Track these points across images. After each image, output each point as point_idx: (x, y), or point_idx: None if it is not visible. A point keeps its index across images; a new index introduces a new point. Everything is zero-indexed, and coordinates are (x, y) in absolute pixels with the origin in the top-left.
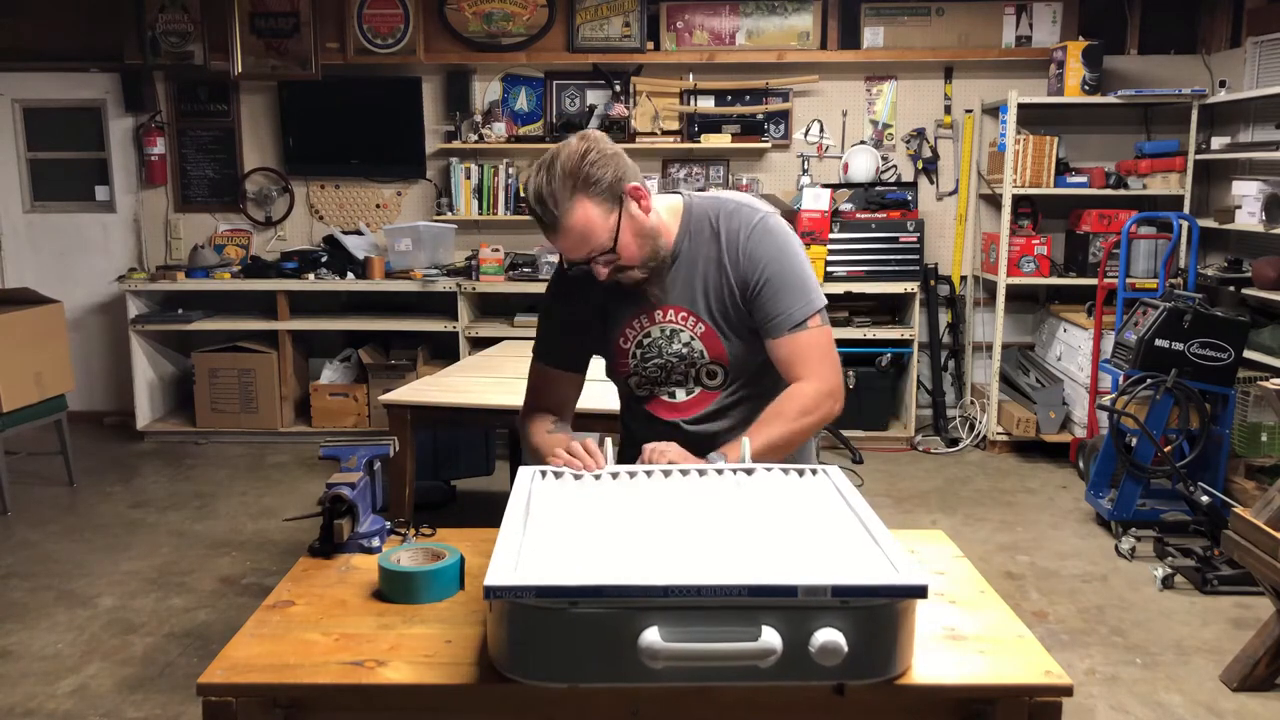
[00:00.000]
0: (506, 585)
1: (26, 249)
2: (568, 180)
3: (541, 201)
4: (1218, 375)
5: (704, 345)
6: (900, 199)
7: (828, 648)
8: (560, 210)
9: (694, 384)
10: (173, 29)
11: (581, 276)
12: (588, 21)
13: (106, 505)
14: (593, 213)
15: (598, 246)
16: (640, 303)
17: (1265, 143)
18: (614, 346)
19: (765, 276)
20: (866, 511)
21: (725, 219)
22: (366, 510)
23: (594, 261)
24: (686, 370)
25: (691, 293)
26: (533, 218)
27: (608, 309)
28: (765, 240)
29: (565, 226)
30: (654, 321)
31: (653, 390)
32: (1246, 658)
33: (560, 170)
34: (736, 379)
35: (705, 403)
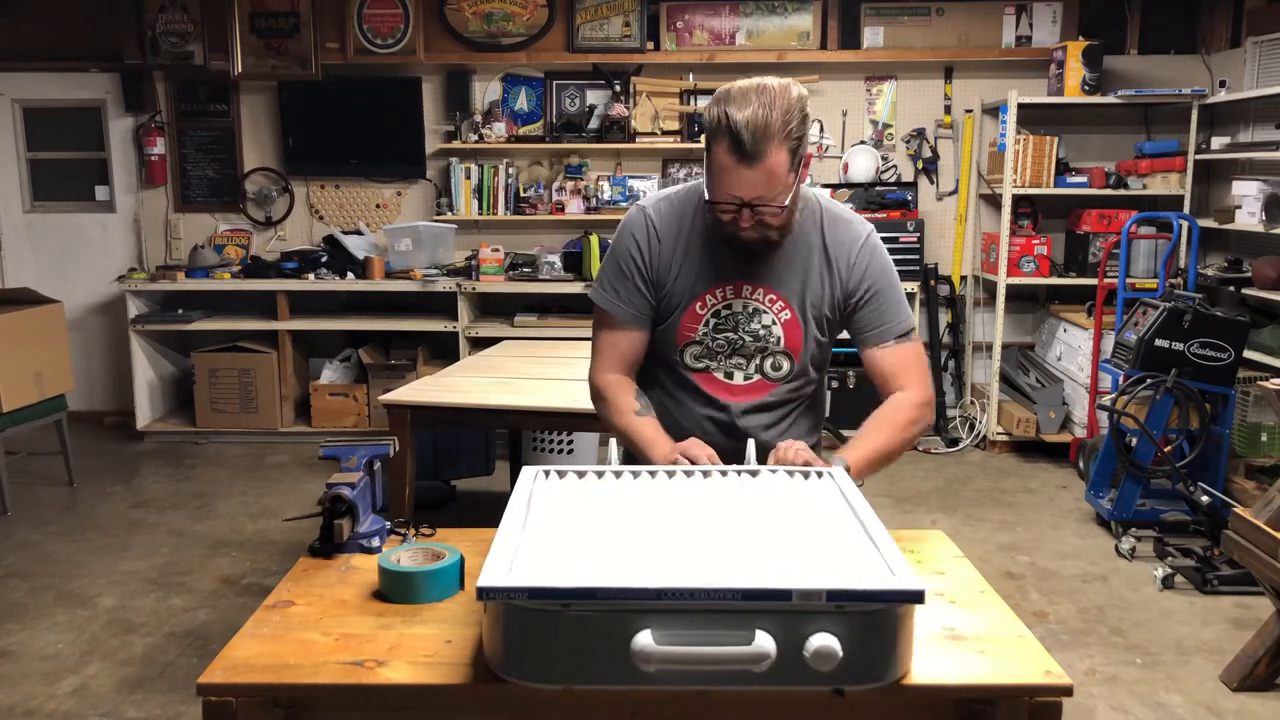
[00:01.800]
0: (499, 586)
1: (26, 249)
2: (784, 125)
3: (755, 132)
4: (1218, 375)
5: (783, 332)
6: (900, 199)
7: (822, 652)
8: (767, 147)
9: (755, 370)
10: (173, 29)
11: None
12: (588, 21)
13: (106, 505)
14: (786, 163)
15: (771, 196)
16: (728, 272)
17: (1265, 143)
18: (688, 309)
19: (875, 289)
20: (868, 514)
21: (831, 224)
22: (366, 510)
23: (751, 207)
24: (754, 353)
25: (788, 280)
26: (721, 136)
27: (691, 268)
28: (875, 255)
29: (765, 165)
30: (739, 295)
31: (709, 364)
32: (1246, 658)
33: (776, 105)
34: (797, 377)
35: (761, 392)
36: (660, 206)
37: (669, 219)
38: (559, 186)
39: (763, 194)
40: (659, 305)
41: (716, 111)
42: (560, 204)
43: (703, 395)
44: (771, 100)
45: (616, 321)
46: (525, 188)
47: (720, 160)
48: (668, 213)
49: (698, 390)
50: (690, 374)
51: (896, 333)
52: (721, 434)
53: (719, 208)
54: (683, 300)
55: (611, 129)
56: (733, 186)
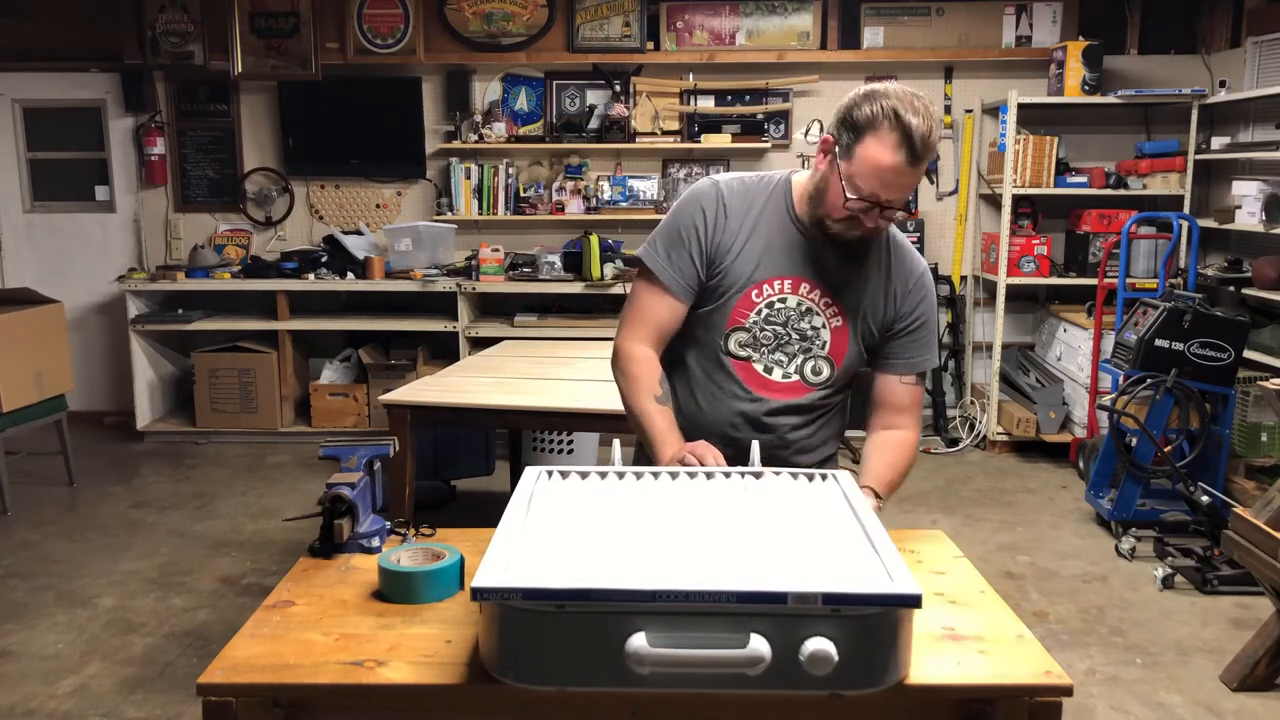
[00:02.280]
0: (493, 587)
1: (26, 249)
2: (938, 134)
3: (925, 140)
4: (1218, 375)
5: (830, 339)
6: None
7: (818, 656)
8: (928, 155)
9: (795, 371)
10: (173, 29)
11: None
12: (588, 21)
13: (106, 505)
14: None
15: (902, 199)
16: (790, 267)
17: (1265, 143)
18: (742, 295)
19: (921, 320)
20: (870, 518)
21: (897, 250)
22: (366, 510)
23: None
24: (796, 354)
25: (846, 290)
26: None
27: (756, 255)
28: (929, 290)
29: (919, 171)
30: (796, 292)
31: (752, 355)
32: (1246, 658)
33: (937, 119)
34: (832, 385)
35: (797, 393)
36: (732, 184)
37: (739, 197)
38: (559, 186)
39: (903, 194)
40: (711, 283)
41: (880, 108)
42: (560, 204)
43: (738, 385)
44: (932, 113)
45: (660, 288)
46: (525, 188)
47: (879, 158)
48: (739, 191)
49: (734, 379)
50: (730, 360)
51: (918, 370)
52: (749, 428)
53: (854, 204)
54: (739, 283)
55: (611, 129)
56: (888, 185)
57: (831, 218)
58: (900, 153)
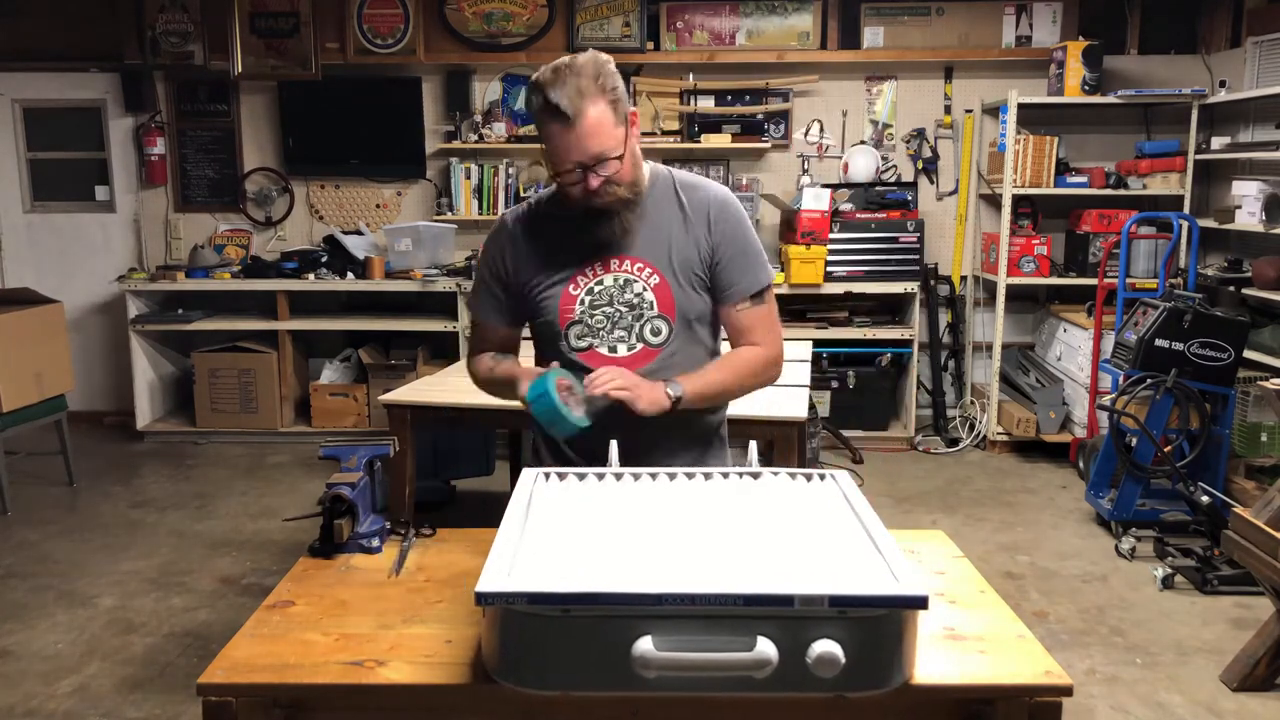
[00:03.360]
0: (498, 591)
1: (26, 249)
2: (592, 81)
3: (564, 95)
4: (1218, 375)
5: (655, 297)
6: (900, 199)
7: (825, 659)
8: (583, 106)
9: (637, 339)
10: (173, 29)
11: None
12: (588, 21)
13: (106, 505)
14: (608, 116)
15: (606, 150)
16: (591, 252)
17: (1265, 143)
18: (561, 293)
19: (734, 247)
20: (871, 519)
21: (687, 188)
22: (366, 510)
23: (592, 169)
24: (632, 323)
25: (652, 246)
26: (545, 114)
27: (557, 256)
28: (732, 213)
29: (585, 123)
30: (608, 270)
31: (592, 342)
32: (1246, 658)
33: (584, 71)
34: (677, 338)
35: (645, 360)
36: (519, 209)
37: (527, 219)
38: None
39: (599, 150)
40: (530, 296)
41: (534, 97)
42: None
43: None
44: (578, 69)
45: (483, 323)
46: (525, 188)
47: (550, 133)
48: (526, 214)
49: (586, 370)
50: (576, 355)
51: (751, 291)
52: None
53: (565, 179)
54: (555, 284)
55: None
56: (568, 153)
57: (573, 199)
58: (558, 121)
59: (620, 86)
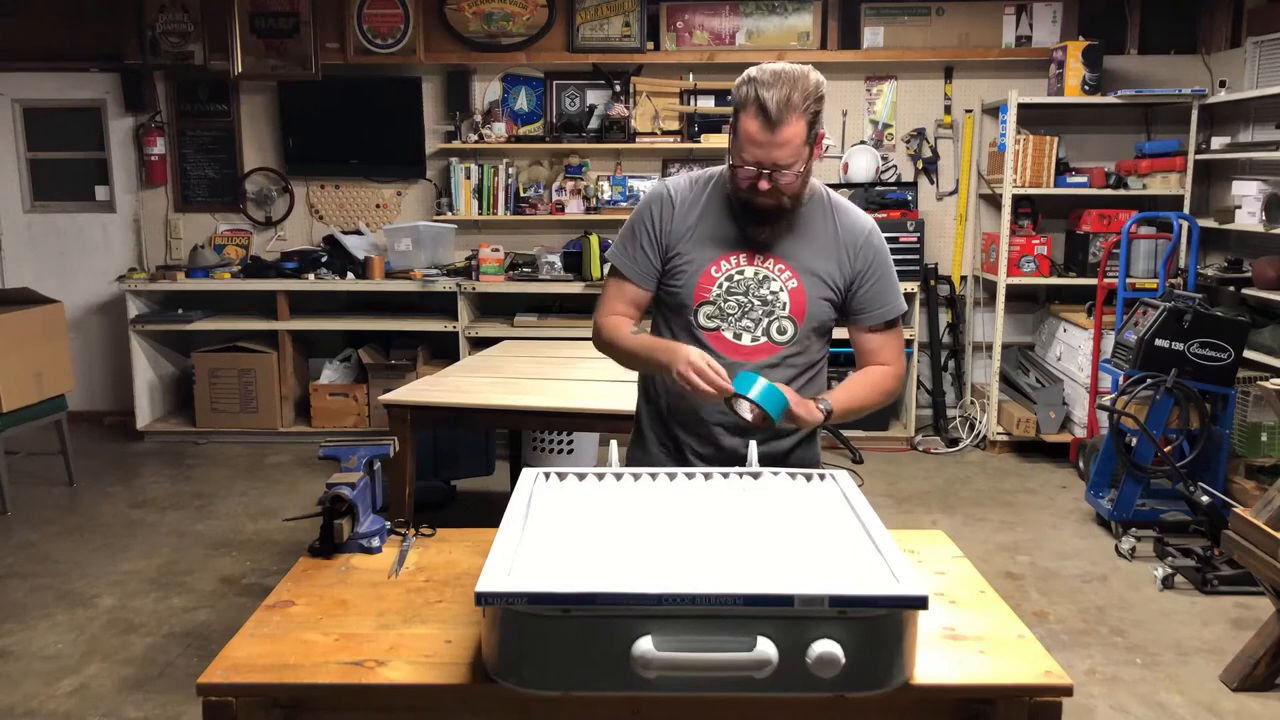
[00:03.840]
0: (499, 591)
1: (26, 249)
2: (806, 98)
3: (779, 104)
4: (1218, 375)
5: (789, 299)
6: (900, 199)
7: (825, 659)
8: (788, 117)
9: (762, 333)
10: (173, 29)
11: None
12: (588, 21)
13: (106, 505)
14: (802, 134)
15: (786, 161)
16: (741, 242)
17: (1265, 143)
18: (703, 271)
19: (880, 273)
20: (872, 519)
21: (840, 209)
22: (366, 510)
23: (770, 172)
24: (761, 318)
25: (797, 252)
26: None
27: (708, 236)
28: (880, 244)
29: (782, 132)
30: (751, 262)
31: (720, 325)
32: (1246, 658)
33: (800, 86)
34: (799, 342)
35: (766, 354)
36: (679, 180)
37: (687, 191)
38: (559, 186)
39: (780, 160)
40: (671, 267)
41: (746, 89)
42: (560, 204)
43: (712, 353)
44: (795, 79)
45: (623, 278)
46: (525, 188)
47: (747, 128)
48: (686, 186)
49: (708, 349)
50: (703, 333)
51: (891, 317)
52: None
53: (741, 172)
54: (698, 263)
55: (611, 129)
56: (757, 152)
57: (739, 189)
58: (760, 121)
59: (821, 111)
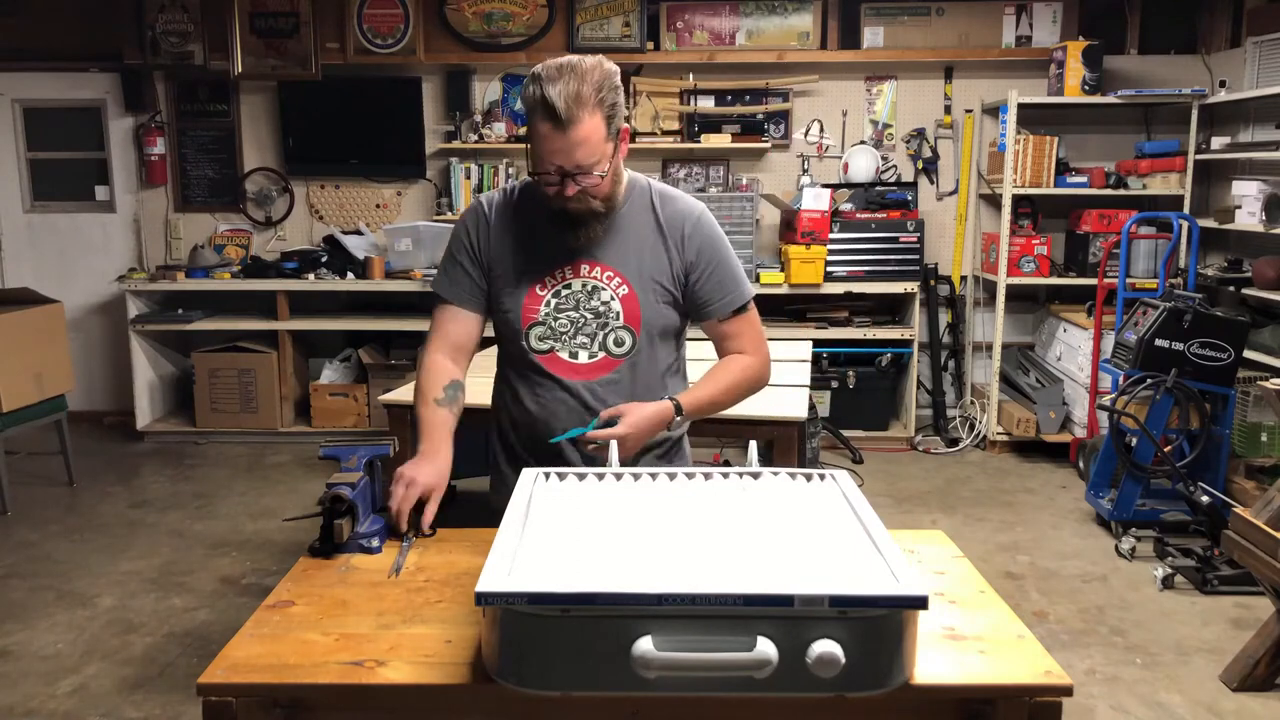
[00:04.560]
0: (498, 591)
1: (26, 249)
2: (594, 91)
3: (568, 101)
4: (1218, 375)
5: (622, 307)
6: (900, 199)
7: (825, 659)
8: (579, 114)
9: (599, 348)
10: (173, 29)
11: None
12: (588, 21)
13: (106, 505)
14: (601, 131)
15: (589, 163)
16: (562, 254)
17: (1265, 143)
18: (528, 291)
19: (712, 264)
20: (871, 519)
21: (663, 201)
22: (366, 510)
23: (572, 176)
24: (596, 331)
25: (623, 256)
26: (538, 110)
27: (527, 252)
28: (709, 229)
29: (575, 132)
30: (577, 275)
31: (554, 345)
32: (1246, 658)
33: (587, 78)
34: (640, 350)
35: (606, 369)
36: (494, 195)
37: (503, 207)
38: None
39: (581, 161)
40: (496, 289)
41: (532, 89)
42: None
43: (549, 377)
44: (583, 74)
45: (445, 303)
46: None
47: (539, 131)
48: (501, 202)
49: (544, 373)
50: (536, 356)
51: (734, 306)
52: (576, 415)
53: (543, 179)
54: (522, 282)
55: None
56: (552, 155)
57: (547, 198)
58: (549, 123)
59: (619, 102)
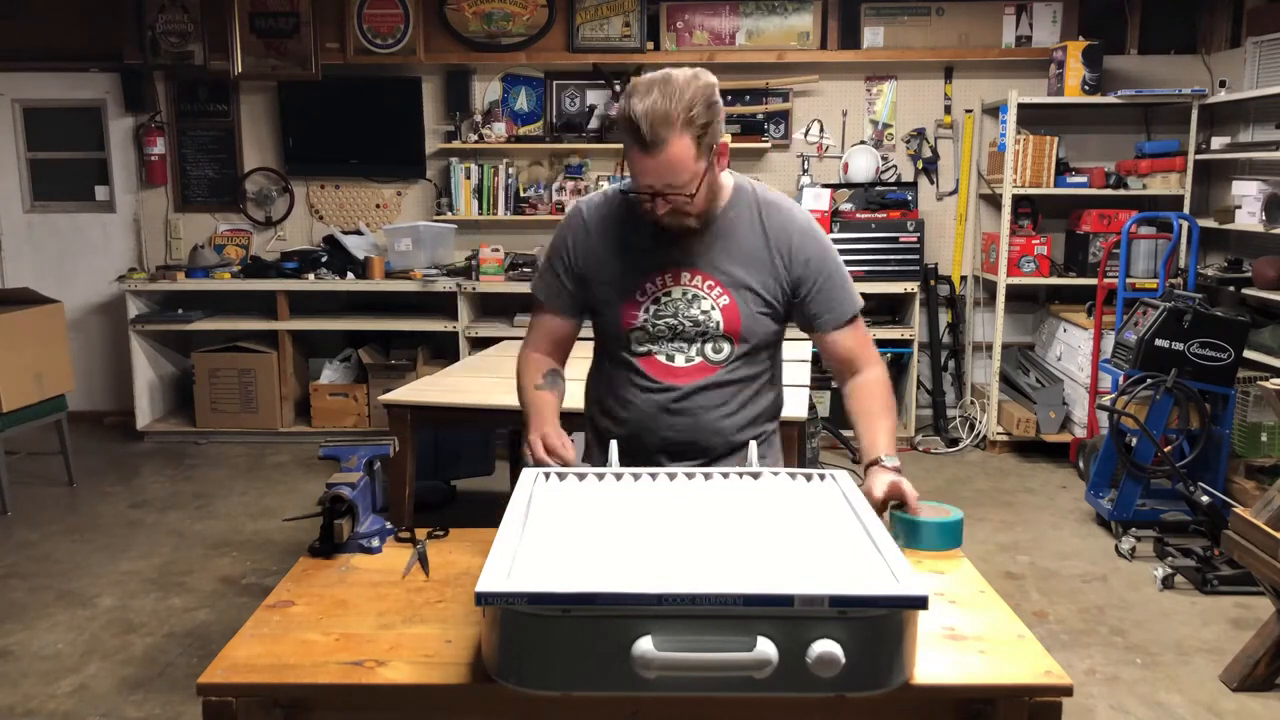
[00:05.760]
0: (498, 591)
1: (26, 249)
2: (684, 111)
3: (654, 123)
4: (1218, 375)
5: (722, 317)
6: (900, 199)
7: (825, 659)
8: (669, 135)
9: (697, 354)
10: (173, 29)
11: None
12: (588, 21)
13: (106, 505)
14: (690, 151)
15: (679, 184)
16: (665, 260)
17: (1265, 143)
18: (628, 297)
19: (824, 274)
20: (871, 519)
21: (769, 209)
22: (366, 510)
23: (663, 195)
24: (695, 338)
25: (726, 264)
26: (628, 132)
27: (628, 259)
28: (817, 242)
29: (667, 153)
30: (678, 282)
31: (652, 348)
32: (1246, 658)
33: (678, 95)
34: (739, 359)
35: (703, 374)
36: (594, 199)
37: (602, 214)
38: (559, 186)
39: (672, 182)
40: (596, 295)
41: (624, 103)
42: (560, 204)
43: (645, 377)
44: (673, 90)
45: (544, 308)
46: (525, 188)
47: (629, 150)
48: (601, 206)
49: (642, 374)
50: (635, 358)
51: (848, 316)
52: (670, 415)
53: (637, 196)
54: (622, 289)
55: (611, 129)
56: (642, 174)
57: (642, 211)
58: (636, 144)
59: (714, 119)
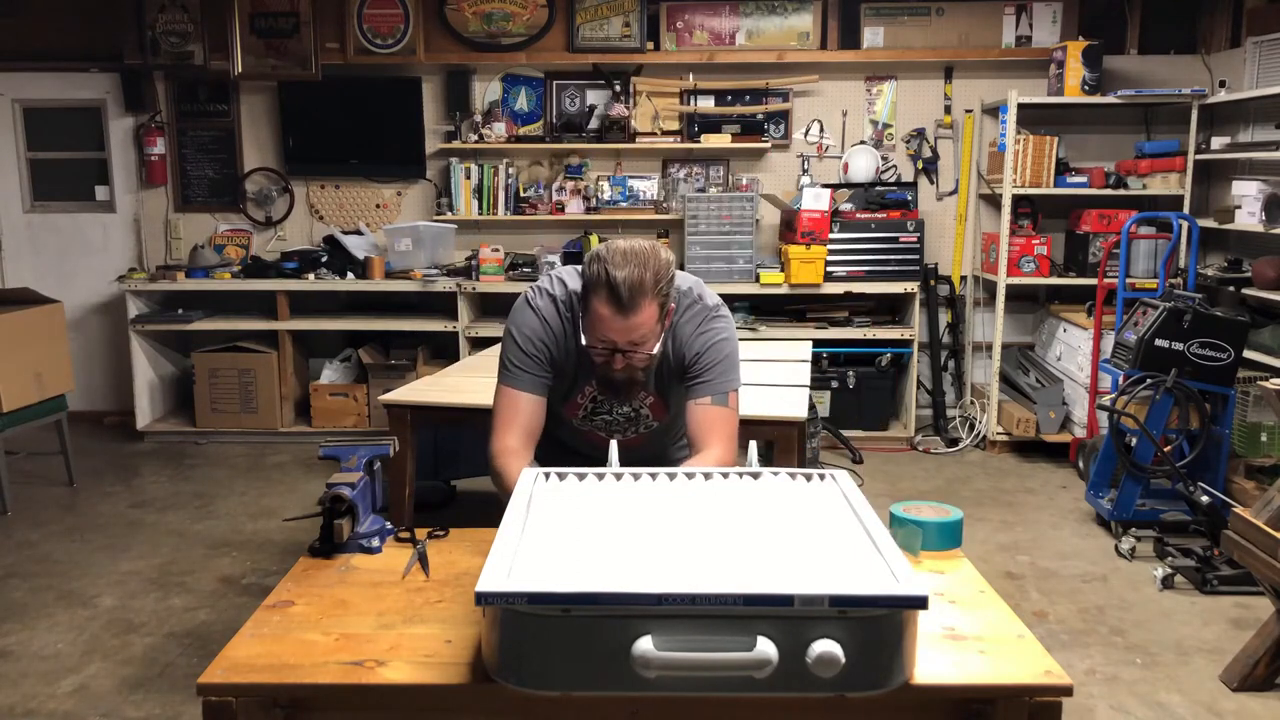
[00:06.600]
0: (498, 591)
1: (26, 249)
2: (655, 284)
3: (631, 288)
4: (1218, 375)
5: (650, 411)
6: (900, 199)
7: (825, 659)
8: (639, 303)
9: (632, 432)
10: (173, 29)
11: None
12: (588, 21)
13: (106, 505)
14: (654, 315)
15: (639, 343)
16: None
17: (1265, 143)
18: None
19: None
20: (871, 519)
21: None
22: (366, 510)
23: (623, 352)
24: (627, 425)
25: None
26: (601, 291)
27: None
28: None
29: (634, 318)
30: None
31: (592, 426)
32: (1246, 658)
33: (653, 273)
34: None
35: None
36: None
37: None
38: (559, 186)
39: (633, 341)
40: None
41: (596, 268)
42: (560, 204)
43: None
44: (645, 261)
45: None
46: (525, 188)
47: (598, 311)
48: (552, 312)
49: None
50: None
51: (713, 392)
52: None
53: (594, 351)
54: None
55: (611, 129)
56: (608, 332)
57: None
58: (610, 306)
59: (672, 294)
